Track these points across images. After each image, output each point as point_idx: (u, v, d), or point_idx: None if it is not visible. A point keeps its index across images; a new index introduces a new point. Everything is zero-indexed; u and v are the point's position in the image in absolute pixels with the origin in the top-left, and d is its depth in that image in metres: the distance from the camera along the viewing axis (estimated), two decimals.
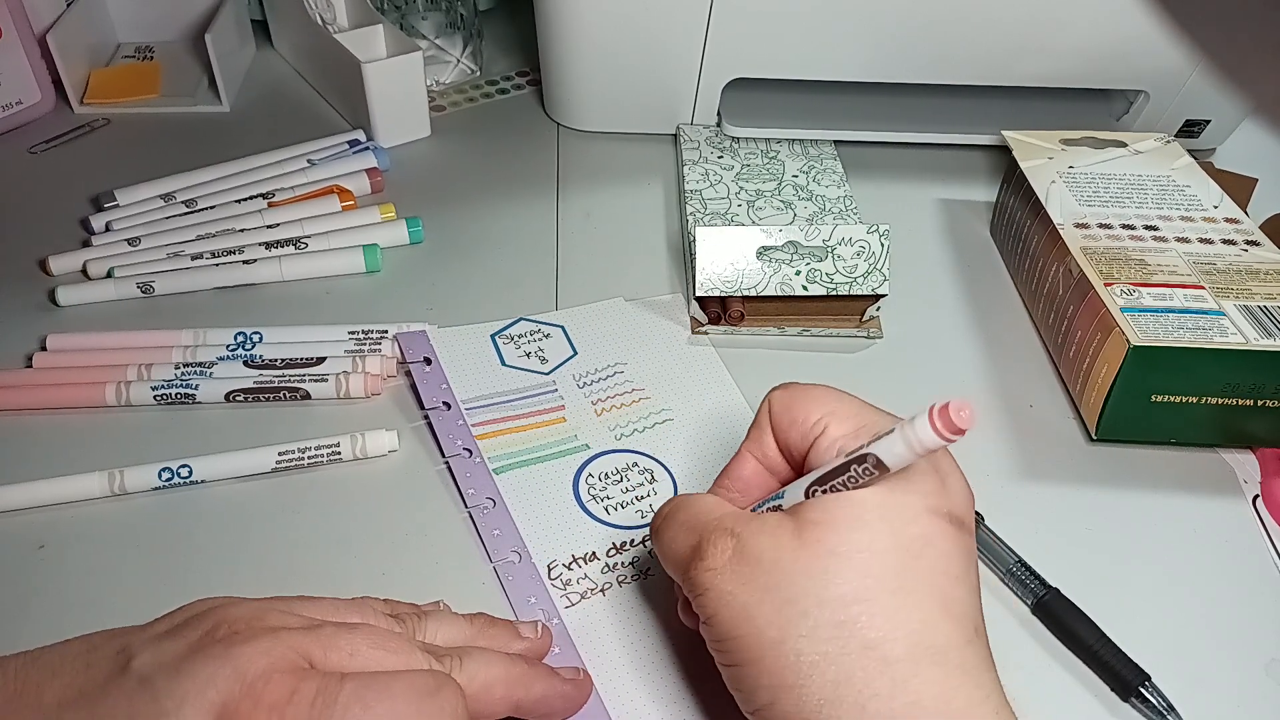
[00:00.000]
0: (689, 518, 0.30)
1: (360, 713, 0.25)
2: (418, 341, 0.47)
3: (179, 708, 0.24)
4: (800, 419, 0.30)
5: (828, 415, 0.29)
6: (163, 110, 0.64)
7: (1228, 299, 0.43)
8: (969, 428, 0.23)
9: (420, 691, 0.26)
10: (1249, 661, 0.36)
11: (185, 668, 0.25)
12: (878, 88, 0.62)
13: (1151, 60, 0.59)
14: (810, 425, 0.30)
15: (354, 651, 0.27)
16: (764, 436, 0.32)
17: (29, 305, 0.49)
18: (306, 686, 0.25)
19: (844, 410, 0.30)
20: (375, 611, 0.30)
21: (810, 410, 0.30)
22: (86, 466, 0.40)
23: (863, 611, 0.25)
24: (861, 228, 0.48)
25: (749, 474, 0.32)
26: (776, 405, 0.31)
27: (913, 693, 0.25)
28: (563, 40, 0.60)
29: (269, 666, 0.25)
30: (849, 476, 0.27)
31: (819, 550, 0.26)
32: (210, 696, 0.24)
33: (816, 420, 0.30)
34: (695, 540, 0.29)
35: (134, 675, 0.25)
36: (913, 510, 0.27)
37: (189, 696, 0.24)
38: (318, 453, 0.41)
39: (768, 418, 0.31)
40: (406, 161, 0.61)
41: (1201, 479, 0.43)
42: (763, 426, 0.32)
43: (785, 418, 0.31)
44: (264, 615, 0.27)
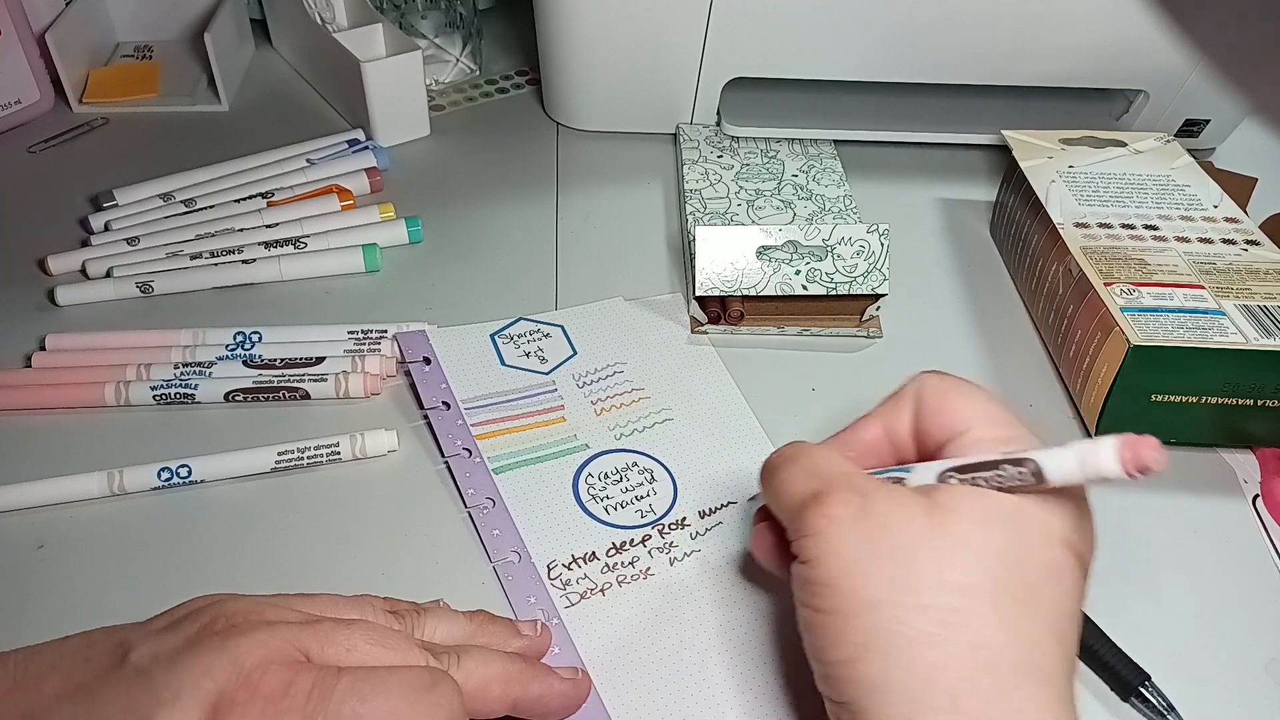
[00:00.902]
0: (812, 464, 0.30)
1: (356, 706, 0.25)
2: (417, 341, 0.47)
3: (176, 698, 0.24)
4: (949, 410, 0.30)
5: (980, 417, 0.29)
6: (162, 110, 0.64)
7: (1228, 299, 0.43)
8: (1157, 470, 0.23)
9: (416, 687, 0.26)
10: (1249, 661, 0.36)
11: (182, 659, 0.25)
12: (878, 88, 0.62)
13: (1151, 60, 0.59)
14: (958, 420, 0.29)
15: (351, 647, 0.27)
16: (901, 414, 0.31)
17: (28, 305, 0.49)
18: (303, 679, 0.25)
19: (998, 416, 0.29)
20: (374, 608, 0.30)
21: (963, 407, 0.30)
22: (86, 466, 0.40)
23: (980, 608, 0.25)
24: (861, 227, 0.48)
25: (870, 440, 0.32)
26: (928, 392, 0.31)
27: (1014, 702, 0.24)
28: (563, 40, 0.60)
29: (265, 658, 0.25)
30: (997, 475, 0.26)
31: (947, 535, 0.26)
32: (206, 686, 0.24)
33: (967, 417, 0.29)
34: (817, 486, 0.28)
35: (131, 667, 0.25)
36: (1051, 534, 0.26)
37: (185, 687, 0.24)
38: (317, 453, 0.41)
39: (913, 399, 0.31)
40: (406, 161, 0.61)
41: (1201, 479, 0.43)
42: (903, 404, 0.31)
43: (933, 404, 0.30)
44: (262, 610, 0.27)
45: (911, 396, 0.31)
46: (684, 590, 0.37)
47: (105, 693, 0.24)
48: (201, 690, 0.24)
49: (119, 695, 0.24)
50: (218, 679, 0.24)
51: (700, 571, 0.38)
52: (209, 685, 0.24)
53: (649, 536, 0.39)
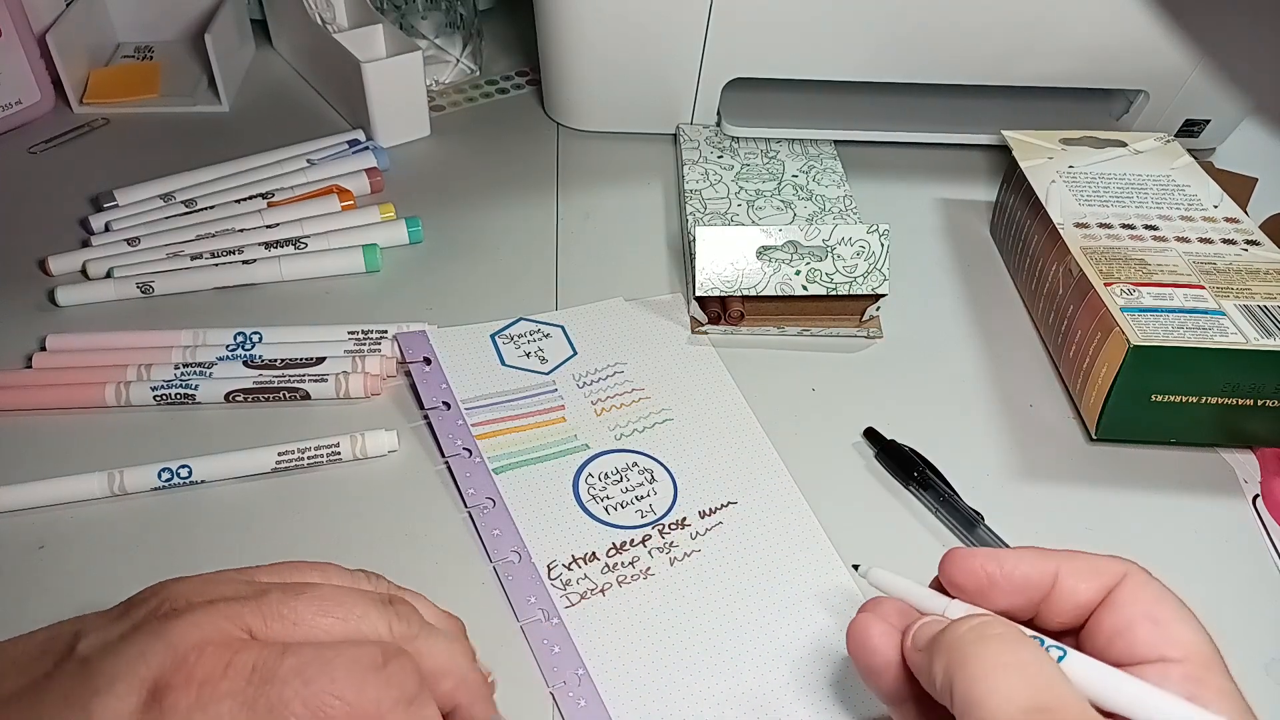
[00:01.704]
0: (1039, 675, 0.24)
1: (299, 688, 0.24)
2: (417, 341, 0.47)
3: (110, 685, 0.23)
4: (1163, 626, 0.26)
5: (1198, 656, 0.25)
6: (162, 110, 0.64)
7: (1228, 299, 0.43)
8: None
9: (365, 665, 0.25)
10: (1249, 661, 0.36)
11: (120, 646, 0.24)
12: (878, 88, 0.62)
13: (1151, 60, 0.59)
14: (1170, 643, 0.26)
15: (298, 620, 0.26)
16: (1085, 581, 0.27)
17: (28, 305, 0.49)
18: (242, 659, 0.24)
19: (1215, 664, 0.26)
20: (338, 570, 0.29)
21: (1183, 633, 0.26)
22: (86, 467, 0.40)
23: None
24: (861, 227, 0.48)
25: (1022, 576, 0.28)
26: (1139, 590, 0.27)
27: None
28: (563, 40, 0.60)
29: (201, 639, 0.24)
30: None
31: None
32: (141, 673, 0.23)
33: (1184, 646, 0.26)
34: (1043, 704, 0.23)
35: (76, 658, 0.24)
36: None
37: (120, 673, 0.23)
38: (317, 453, 0.41)
39: (1110, 578, 0.27)
40: (406, 161, 0.61)
41: (1201, 479, 0.43)
42: (1095, 574, 0.27)
43: (1140, 607, 0.26)
44: (208, 588, 0.26)
45: (1110, 575, 0.27)
46: (684, 590, 0.37)
47: (51, 686, 0.24)
48: (136, 676, 0.23)
49: (62, 687, 0.24)
50: (152, 664, 0.23)
51: (700, 571, 0.38)
52: (143, 671, 0.23)
53: (649, 537, 0.39)
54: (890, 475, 0.43)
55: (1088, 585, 0.27)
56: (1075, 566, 0.27)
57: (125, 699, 0.23)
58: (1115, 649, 0.26)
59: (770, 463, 0.43)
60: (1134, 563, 0.27)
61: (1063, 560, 0.27)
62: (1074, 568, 0.27)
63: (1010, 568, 0.27)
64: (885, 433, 0.44)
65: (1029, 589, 0.27)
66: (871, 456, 0.43)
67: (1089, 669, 0.25)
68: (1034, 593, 0.27)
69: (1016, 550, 0.28)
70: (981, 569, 0.28)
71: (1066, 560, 0.27)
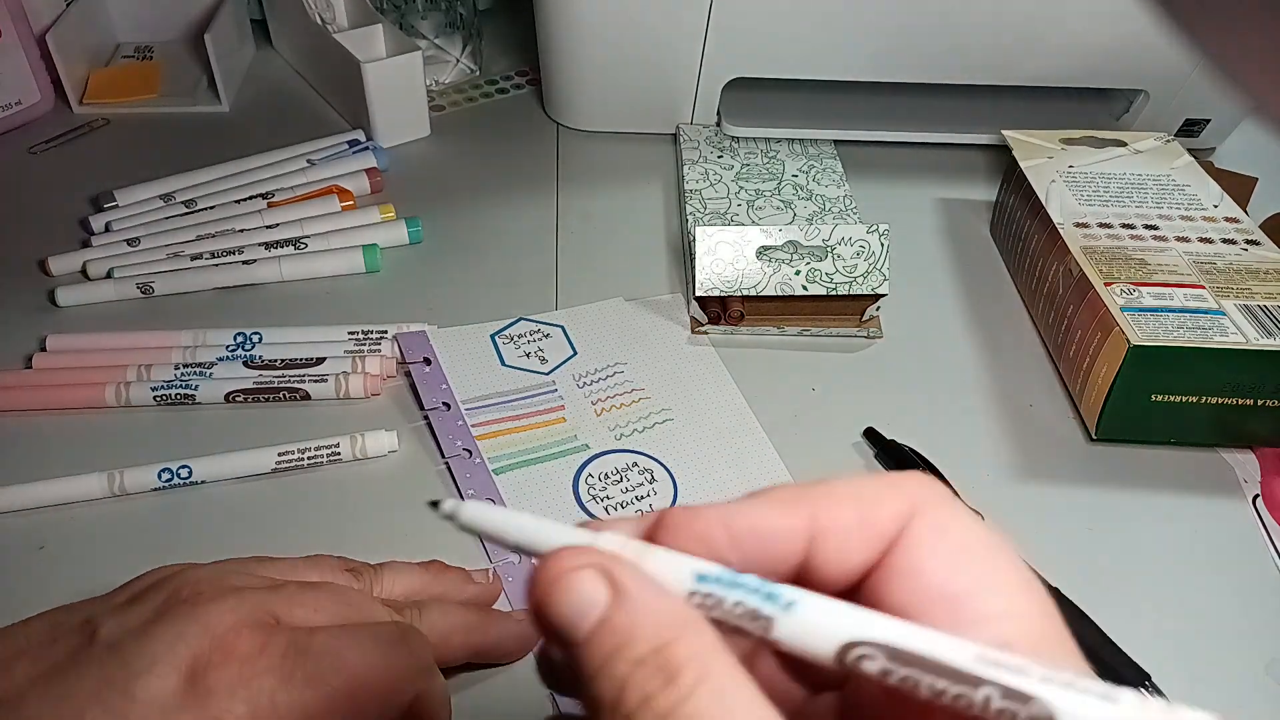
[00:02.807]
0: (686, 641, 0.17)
1: (334, 660, 0.26)
2: (417, 342, 0.47)
3: (150, 667, 0.24)
4: (958, 564, 0.18)
5: (1000, 588, 0.18)
6: (162, 110, 0.64)
7: (1228, 298, 0.43)
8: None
9: (388, 640, 0.27)
10: (1249, 661, 0.36)
11: (153, 630, 0.25)
12: (878, 88, 0.62)
13: (1151, 60, 0.59)
14: (964, 583, 0.18)
15: (318, 607, 0.27)
16: (861, 529, 0.19)
17: (29, 306, 0.49)
18: (277, 640, 0.25)
19: (1033, 602, 0.18)
20: (333, 568, 0.31)
21: (981, 567, 0.18)
22: (86, 467, 0.40)
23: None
24: (861, 227, 0.48)
25: (770, 530, 0.19)
26: (933, 523, 0.18)
27: None
28: (563, 40, 0.60)
29: (237, 622, 0.25)
30: (966, 694, 0.16)
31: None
32: (180, 653, 0.24)
33: (981, 581, 0.18)
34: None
35: (102, 644, 0.25)
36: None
37: (159, 655, 0.24)
38: (317, 453, 0.41)
39: (898, 518, 0.19)
40: (406, 161, 0.61)
41: (1201, 479, 0.43)
42: (876, 514, 0.19)
43: (935, 542, 0.18)
44: (225, 577, 0.28)
45: (890, 523, 0.19)
46: None
47: (79, 670, 0.25)
48: (176, 657, 0.24)
49: (93, 672, 0.24)
50: (191, 644, 0.25)
51: None
52: (183, 652, 0.24)
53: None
54: None
55: (858, 546, 0.19)
56: (836, 517, 0.19)
57: (167, 679, 0.24)
58: (916, 607, 0.18)
59: (770, 463, 0.43)
60: (932, 486, 0.19)
61: (819, 508, 0.19)
62: (834, 520, 0.19)
63: (741, 531, 0.18)
64: (885, 433, 0.44)
65: (772, 557, 0.19)
66: (871, 456, 0.43)
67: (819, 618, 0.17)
68: (781, 561, 0.19)
69: (752, 502, 0.19)
70: (706, 534, 0.18)
71: (825, 507, 0.19)
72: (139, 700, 0.24)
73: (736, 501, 0.19)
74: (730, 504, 0.19)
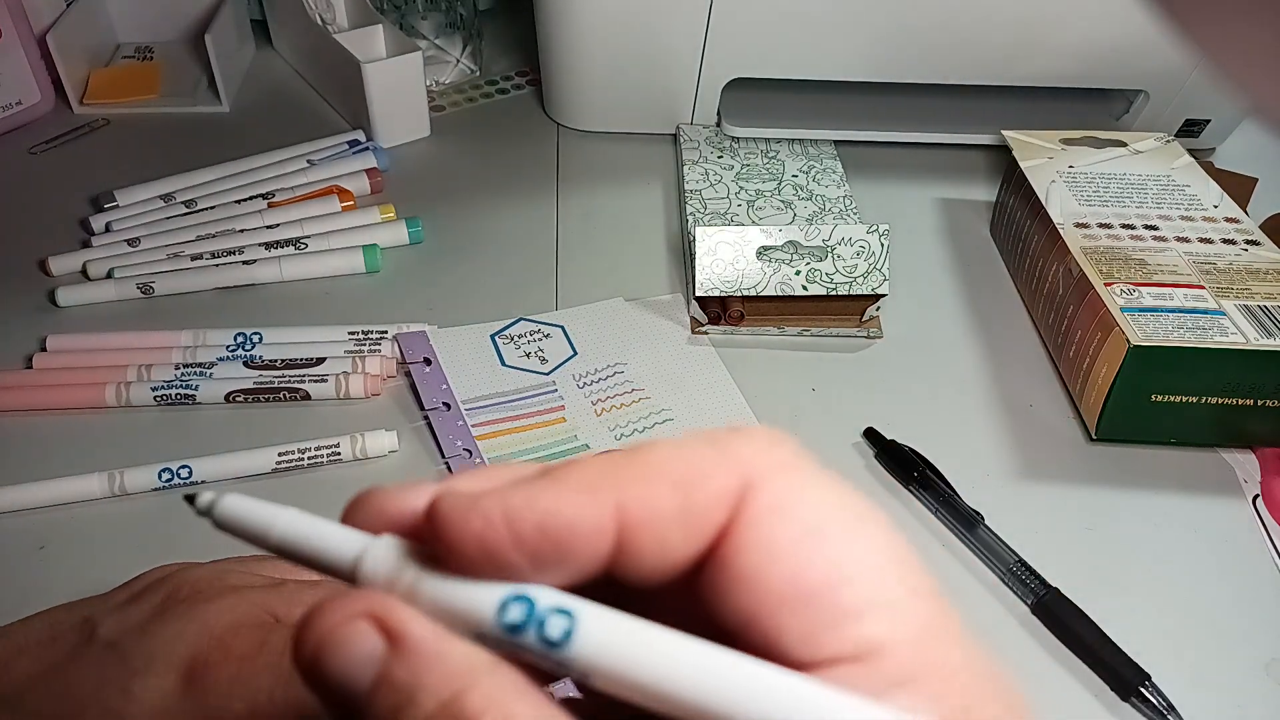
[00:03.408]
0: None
1: None
2: (417, 342, 0.47)
3: (149, 665, 0.24)
4: (809, 567, 0.14)
5: (877, 598, 0.14)
6: (162, 110, 0.64)
7: (1228, 298, 0.43)
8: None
9: None
10: (1249, 661, 0.36)
11: (151, 629, 0.25)
12: (878, 88, 0.62)
13: (1151, 60, 0.59)
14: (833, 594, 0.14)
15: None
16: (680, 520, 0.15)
17: (29, 306, 0.49)
18: (275, 638, 0.25)
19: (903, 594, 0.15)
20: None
21: (850, 570, 0.15)
22: (87, 467, 0.40)
23: None
24: (861, 228, 0.48)
25: (551, 544, 0.15)
26: (775, 510, 0.15)
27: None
28: (563, 40, 0.60)
29: (235, 621, 0.25)
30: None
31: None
32: (179, 652, 0.24)
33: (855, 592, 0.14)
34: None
35: (100, 643, 0.25)
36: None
37: (157, 654, 0.24)
38: (318, 453, 0.41)
39: (728, 501, 0.15)
40: (406, 161, 0.61)
41: (1201, 479, 0.43)
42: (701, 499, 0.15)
43: (782, 534, 0.15)
44: (224, 575, 0.27)
45: (725, 492, 0.15)
46: None
47: (78, 669, 0.25)
48: (174, 656, 0.24)
49: (92, 671, 0.24)
50: (190, 644, 0.25)
51: None
52: (181, 651, 0.24)
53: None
54: (890, 475, 0.43)
55: (679, 538, 0.15)
56: (650, 504, 0.15)
57: (165, 677, 0.24)
58: (751, 643, 0.14)
59: None
60: (769, 449, 0.15)
61: (629, 494, 0.15)
62: (648, 508, 0.15)
63: (527, 530, 0.14)
64: (885, 433, 0.44)
65: (572, 556, 0.15)
66: (871, 456, 0.43)
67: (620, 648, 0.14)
68: (585, 560, 0.15)
69: (544, 488, 0.15)
70: (483, 535, 0.15)
71: (636, 492, 0.15)
72: (137, 698, 0.24)
73: (527, 484, 0.15)
74: (519, 487, 0.15)
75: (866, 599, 0.14)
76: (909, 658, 0.14)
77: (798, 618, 0.14)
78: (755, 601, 0.14)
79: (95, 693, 0.24)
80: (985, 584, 0.39)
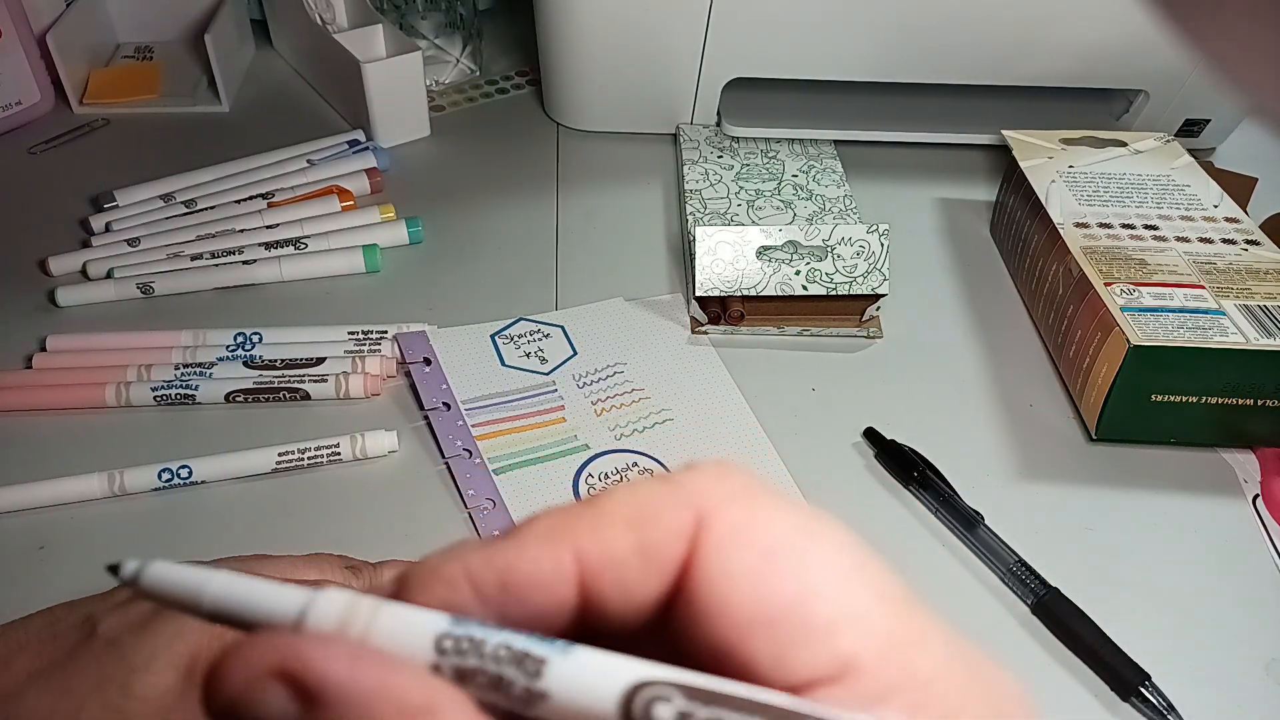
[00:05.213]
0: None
1: None
2: (417, 342, 0.47)
3: (149, 662, 0.24)
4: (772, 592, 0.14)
5: (844, 611, 0.14)
6: (162, 110, 0.64)
7: (1228, 298, 0.43)
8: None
9: None
10: (1249, 661, 0.36)
11: (151, 627, 0.25)
12: (878, 88, 0.62)
13: (1151, 60, 0.59)
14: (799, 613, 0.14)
15: None
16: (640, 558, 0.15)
17: (29, 306, 0.49)
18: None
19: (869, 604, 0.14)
20: (333, 567, 0.31)
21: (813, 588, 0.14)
22: (86, 467, 0.40)
23: None
24: (861, 227, 0.48)
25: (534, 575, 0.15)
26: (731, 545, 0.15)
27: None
28: (563, 40, 0.60)
29: None
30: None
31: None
32: (179, 650, 0.25)
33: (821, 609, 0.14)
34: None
35: (101, 640, 0.25)
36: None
37: (158, 651, 0.25)
38: (317, 453, 0.41)
39: (683, 536, 0.15)
40: (406, 161, 0.61)
41: (1201, 479, 0.43)
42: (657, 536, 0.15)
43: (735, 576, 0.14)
44: None
45: (678, 528, 0.15)
46: None
47: (78, 666, 0.25)
48: (174, 653, 0.25)
49: (92, 667, 0.25)
50: (190, 641, 0.25)
51: None
52: (181, 648, 0.25)
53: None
54: (890, 475, 0.43)
55: (640, 578, 0.15)
56: (606, 547, 0.15)
57: (165, 675, 0.24)
58: (731, 675, 0.14)
59: (770, 463, 0.43)
60: (720, 479, 0.15)
61: (584, 540, 0.15)
62: (605, 551, 0.15)
63: (487, 584, 0.15)
64: (885, 433, 0.44)
65: (538, 607, 0.15)
66: (871, 456, 0.43)
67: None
68: (552, 610, 0.15)
69: (503, 545, 0.15)
70: (448, 597, 0.15)
71: (592, 537, 0.15)
72: (137, 696, 0.24)
73: (487, 544, 0.15)
74: (480, 550, 0.15)
75: (833, 613, 0.14)
76: (885, 670, 0.14)
77: (767, 641, 0.14)
78: (723, 631, 0.14)
79: (95, 689, 0.24)
80: (985, 584, 0.39)
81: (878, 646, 0.14)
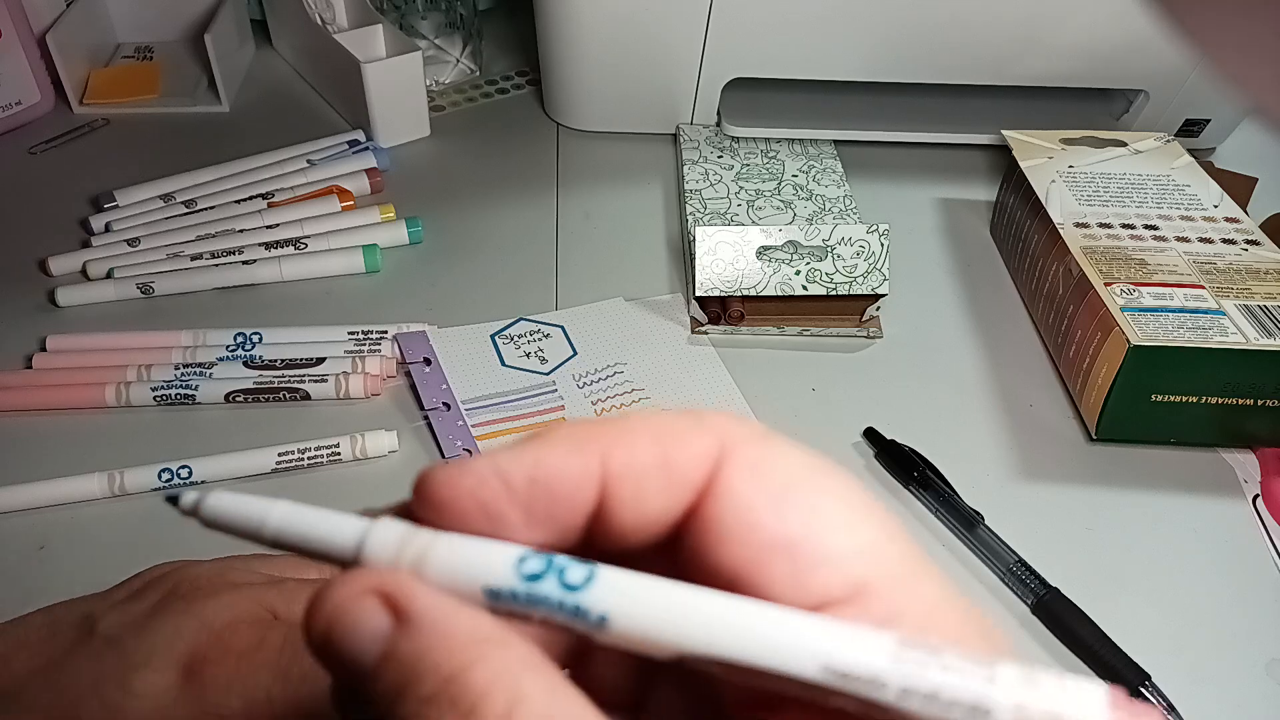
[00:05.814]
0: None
1: None
2: (417, 342, 0.47)
3: (148, 660, 0.24)
4: (790, 518, 0.15)
5: (855, 543, 0.15)
6: (162, 110, 0.64)
7: (1228, 298, 0.43)
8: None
9: None
10: (1249, 661, 0.36)
11: (151, 624, 0.25)
12: (878, 88, 0.62)
13: (1151, 60, 0.59)
14: (829, 555, 0.15)
15: None
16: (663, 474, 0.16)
17: (29, 306, 0.49)
18: (274, 635, 0.25)
19: (879, 537, 0.15)
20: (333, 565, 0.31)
21: (842, 530, 0.15)
22: (86, 467, 0.40)
23: None
24: (861, 227, 0.48)
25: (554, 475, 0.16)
26: (749, 472, 0.16)
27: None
28: (563, 40, 0.60)
29: (235, 618, 0.25)
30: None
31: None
32: (178, 648, 0.25)
33: (847, 554, 0.15)
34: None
35: (100, 638, 0.25)
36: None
37: (157, 650, 0.24)
38: (317, 453, 0.41)
39: (706, 461, 0.16)
40: (406, 161, 0.61)
41: (1201, 479, 0.43)
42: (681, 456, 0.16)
43: (760, 498, 0.15)
44: (224, 573, 0.27)
45: (703, 453, 0.16)
46: None
47: (77, 664, 0.25)
48: (173, 651, 0.24)
49: (91, 665, 0.25)
50: (188, 639, 0.25)
51: None
52: (180, 647, 0.25)
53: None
54: (890, 475, 0.43)
55: (658, 491, 0.15)
56: (632, 457, 0.15)
57: (164, 673, 0.24)
58: (743, 592, 0.15)
59: None
60: (742, 423, 0.16)
61: (612, 447, 0.16)
62: (630, 460, 0.15)
63: (519, 481, 0.15)
64: (885, 433, 0.44)
65: (561, 508, 0.15)
66: (871, 456, 0.43)
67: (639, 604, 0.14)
68: (572, 512, 0.16)
69: (531, 445, 0.16)
70: (477, 493, 0.15)
71: (619, 446, 0.16)
72: (136, 694, 0.24)
73: (514, 446, 0.16)
74: (507, 450, 0.16)
75: (846, 542, 0.15)
76: (894, 594, 0.15)
77: (784, 564, 0.15)
78: (741, 553, 0.15)
79: (94, 687, 0.24)
80: (985, 584, 0.39)
81: (888, 573, 0.15)
